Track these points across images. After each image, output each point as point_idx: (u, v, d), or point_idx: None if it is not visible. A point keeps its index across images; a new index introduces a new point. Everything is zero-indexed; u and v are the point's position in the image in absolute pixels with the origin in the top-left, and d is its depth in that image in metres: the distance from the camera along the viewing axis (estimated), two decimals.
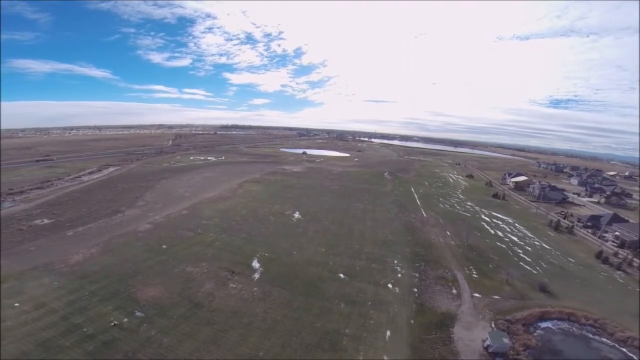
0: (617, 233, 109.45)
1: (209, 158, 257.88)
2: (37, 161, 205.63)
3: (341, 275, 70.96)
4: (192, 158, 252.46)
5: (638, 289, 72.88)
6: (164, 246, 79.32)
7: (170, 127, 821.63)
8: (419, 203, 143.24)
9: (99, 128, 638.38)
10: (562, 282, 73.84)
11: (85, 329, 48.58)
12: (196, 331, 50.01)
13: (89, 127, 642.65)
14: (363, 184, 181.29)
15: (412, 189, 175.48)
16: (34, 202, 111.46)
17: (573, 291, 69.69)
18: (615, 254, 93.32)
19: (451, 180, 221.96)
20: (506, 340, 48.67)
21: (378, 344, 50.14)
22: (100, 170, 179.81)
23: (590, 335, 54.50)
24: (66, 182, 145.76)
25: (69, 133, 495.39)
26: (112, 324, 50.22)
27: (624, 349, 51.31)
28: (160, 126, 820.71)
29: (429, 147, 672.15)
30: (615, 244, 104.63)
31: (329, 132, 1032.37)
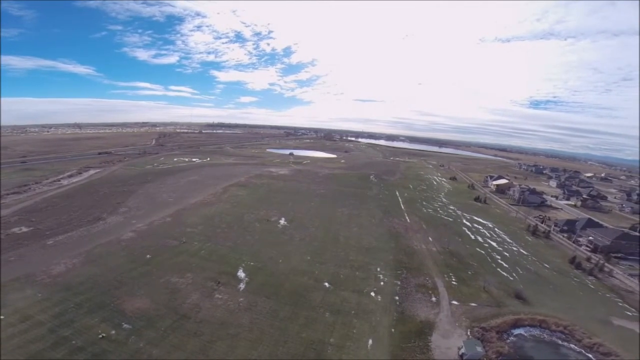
0: (590, 238, 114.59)
1: (194, 159, 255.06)
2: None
3: (326, 284, 72.58)
4: (176, 159, 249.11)
5: (607, 295, 77.17)
6: (148, 256, 79.02)
7: (154, 125, 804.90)
8: (403, 208, 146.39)
9: (79, 126, 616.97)
10: (537, 288, 77.51)
11: (74, 342, 48.82)
12: (184, 342, 50.72)
13: (68, 125, 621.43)
14: (349, 187, 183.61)
15: (397, 193, 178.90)
16: (10, 208, 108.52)
17: (546, 298, 73.34)
18: (588, 259, 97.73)
19: (435, 183, 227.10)
20: (479, 349, 51.32)
21: (360, 352, 52.04)
22: (80, 173, 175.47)
23: (560, 342, 57.75)
24: (44, 187, 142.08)
25: (48, 131, 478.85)
26: (100, 336, 50.50)
27: (590, 355, 54.69)
28: (143, 124, 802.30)
29: (414, 148, 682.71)
30: (588, 249, 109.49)
31: (316, 131, 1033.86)
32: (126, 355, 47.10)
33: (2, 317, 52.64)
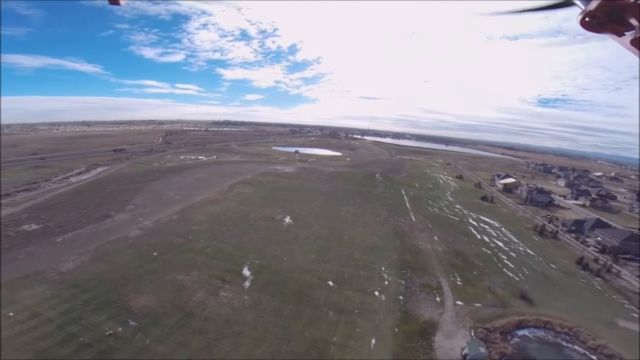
0: (598, 238, 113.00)
1: (200, 157, 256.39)
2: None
3: (330, 282, 72.81)
4: (182, 157, 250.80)
5: (614, 297, 76.21)
6: (154, 253, 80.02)
7: (161, 122, 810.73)
8: (408, 206, 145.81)
9: (88, 124, 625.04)
10: (543, 289, 76.80)
11: (81, 339, 49.74)
12: (189, 340, 51.43)
13: (77, 123, 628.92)
14: (354, 185, 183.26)
15: (403, 191, 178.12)
16: (21, 205, 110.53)
17: (552, 298, 72.66)
18: (596, 260, 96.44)
19: (441, 182, 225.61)
20: (483, 350, 51.23)
21: (363, 352, 52.29)
22: (88, 171, 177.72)
23: (564, 343, 57.28)
24: (54, 184, 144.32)
25: (57, 129, 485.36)
26: (108, 333, 51.40)
27: (594, 357, 54.26)
28: (150, 122, 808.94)
29: (420, 146, 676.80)
30: (596, 250, 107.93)
31: (322, 128, 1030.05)
32: (132, 352, 47.99)
33: (11, 314, 53.83)
